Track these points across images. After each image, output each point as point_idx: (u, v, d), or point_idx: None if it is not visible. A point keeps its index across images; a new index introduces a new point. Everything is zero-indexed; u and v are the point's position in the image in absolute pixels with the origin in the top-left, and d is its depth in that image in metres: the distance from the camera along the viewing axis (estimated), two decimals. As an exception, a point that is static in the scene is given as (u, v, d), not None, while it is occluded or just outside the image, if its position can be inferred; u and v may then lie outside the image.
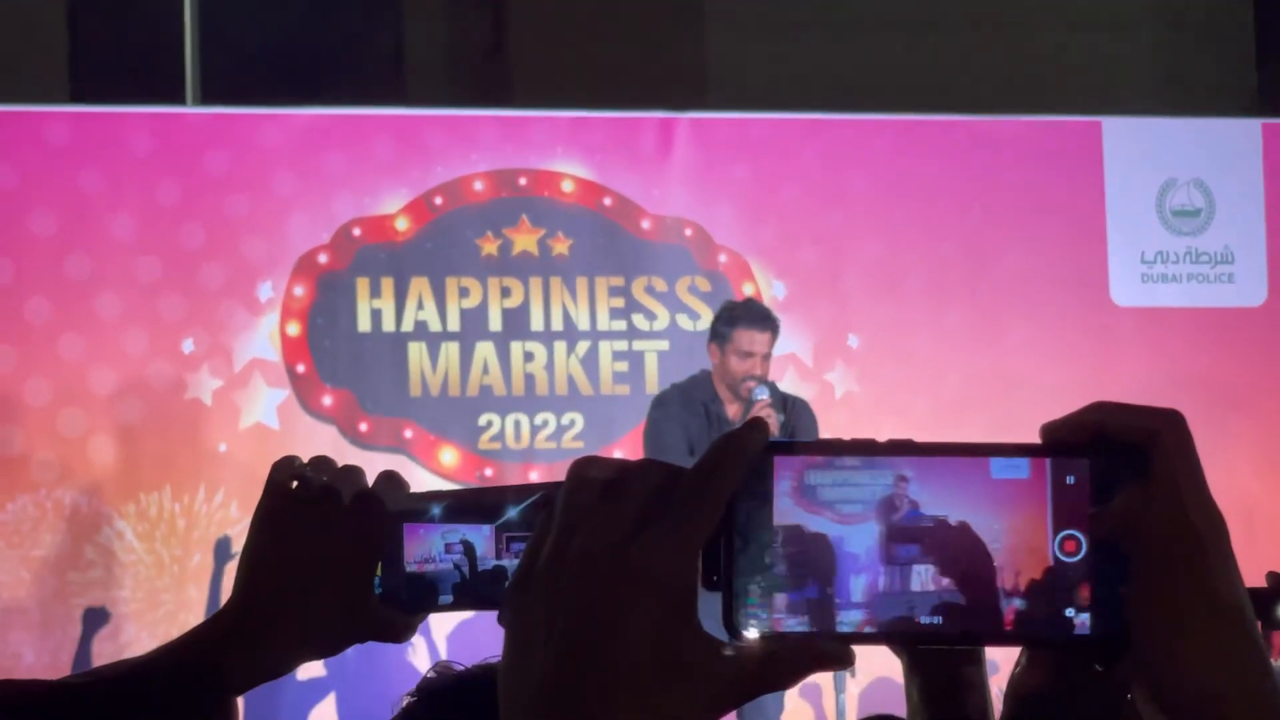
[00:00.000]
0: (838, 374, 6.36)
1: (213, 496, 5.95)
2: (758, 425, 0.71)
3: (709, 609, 0.70)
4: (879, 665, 4.94)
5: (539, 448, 6.14)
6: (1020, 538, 0.73)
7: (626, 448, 6.09)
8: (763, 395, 5.22)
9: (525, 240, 6.21)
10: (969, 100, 6.73)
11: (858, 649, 0.71)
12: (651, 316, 6.28)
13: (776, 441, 0.72)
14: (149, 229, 5.98)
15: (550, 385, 6.16)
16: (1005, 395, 6.23)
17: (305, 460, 1.23)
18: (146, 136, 6.06)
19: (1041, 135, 6.52)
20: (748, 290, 6.27)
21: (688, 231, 6.33)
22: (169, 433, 5.95)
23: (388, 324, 6.11)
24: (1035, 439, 0.74)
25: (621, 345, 6.22)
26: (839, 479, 0.72)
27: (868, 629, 0.72)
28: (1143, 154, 6.48)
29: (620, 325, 6.23)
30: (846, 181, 6.38)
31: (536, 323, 6.20)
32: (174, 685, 1.13)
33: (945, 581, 0.72)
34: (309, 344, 6.08)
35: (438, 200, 6.19)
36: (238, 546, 5.35)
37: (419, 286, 6.14)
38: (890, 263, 6.38)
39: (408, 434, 6.12)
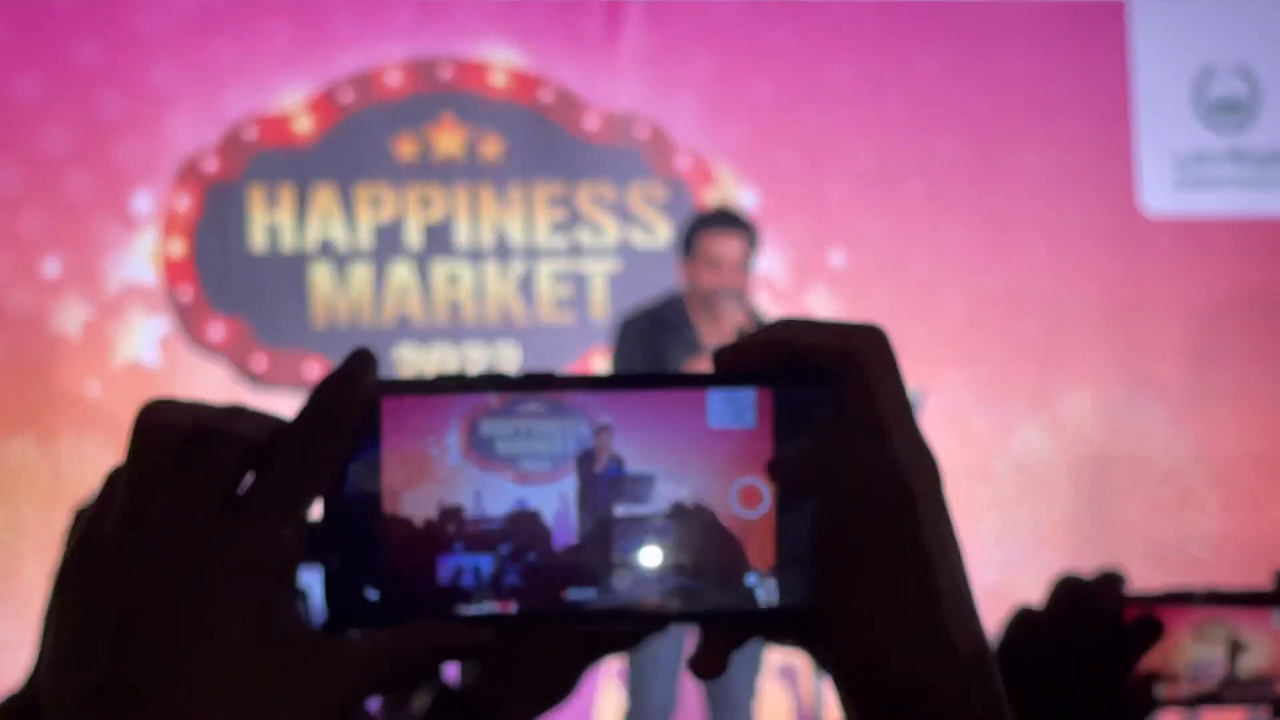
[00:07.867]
0: (819, 297, 5.89)
1: (81, 447, 5.53)
2: (365, 359, 0.63)
3: None
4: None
5: (466, 387, 5.69)
6: (696, 490, 0.67)
7: (569, 387, 5.67)
8: (732, 303, 4.59)
9: (449, 142, 5.79)
10: (973, -25, 6.36)
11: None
12: (599, 231, 5.85)
13: (386, 381, 0.65)
14: (2, 130, 5.57)
15: (479, 313, 5.78)
16: (1015, 321, 5.93)
17: None
18: (-1, 21, 5.67)
19: (1057, 16, 6.07)
20: (711, 199, 5.77)
21: (641, 131, 5.85)
22: (28, 372, 5.56)
23: (287, 242, 5.70)
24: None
25: (564, 266, 5.81)
26: (521, 428, 0.66)
27: (502, 610, 0.65)
28: (1176, 36, 6.11)
29: (562, 242, 5.81)
30: (829, 72, 5.95)
31: (463, 239, 5.78)
32: None
33: (618, 552, 0.66)
34: (195, 265, 5.66)
35: (345, 96, 5.76)
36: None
37: (324, 198, 5.72)
38: (881, 167, 5.94)
39: (311, 371, 5.68)
